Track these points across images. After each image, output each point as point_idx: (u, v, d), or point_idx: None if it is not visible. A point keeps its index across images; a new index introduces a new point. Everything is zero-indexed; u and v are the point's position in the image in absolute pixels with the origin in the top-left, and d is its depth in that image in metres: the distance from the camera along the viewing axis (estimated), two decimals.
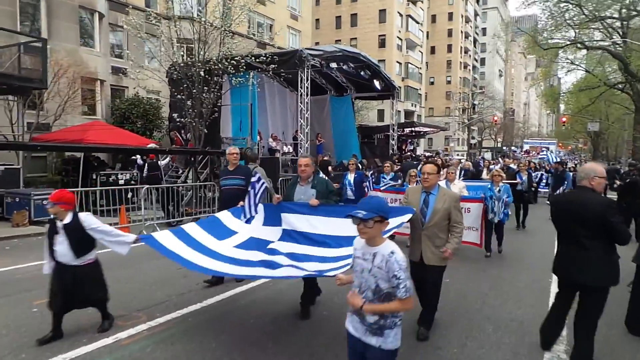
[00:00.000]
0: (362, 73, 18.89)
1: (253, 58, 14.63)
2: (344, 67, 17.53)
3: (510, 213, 8.42)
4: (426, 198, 4.31)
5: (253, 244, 4.37)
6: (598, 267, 3.56)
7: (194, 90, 14.48)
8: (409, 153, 23.52)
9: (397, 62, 51.42)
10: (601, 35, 30.33)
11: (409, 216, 4.13)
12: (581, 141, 79.25)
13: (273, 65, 14.46)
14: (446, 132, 60.23)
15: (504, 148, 63.94)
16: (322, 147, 21.84)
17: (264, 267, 3.95)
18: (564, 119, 42.93)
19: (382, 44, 50.21)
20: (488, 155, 70.21)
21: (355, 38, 50.99)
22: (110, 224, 10.38)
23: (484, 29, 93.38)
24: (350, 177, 9.43)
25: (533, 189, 10.77)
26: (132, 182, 12.82)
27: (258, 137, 17.14)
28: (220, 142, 16.10)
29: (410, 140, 27.19)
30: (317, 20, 52.32)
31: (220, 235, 4.30)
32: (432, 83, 72.12)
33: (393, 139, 22.11)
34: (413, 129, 27.15)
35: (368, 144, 24.73)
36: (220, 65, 14.35)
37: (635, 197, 9.56)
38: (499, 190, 8.03)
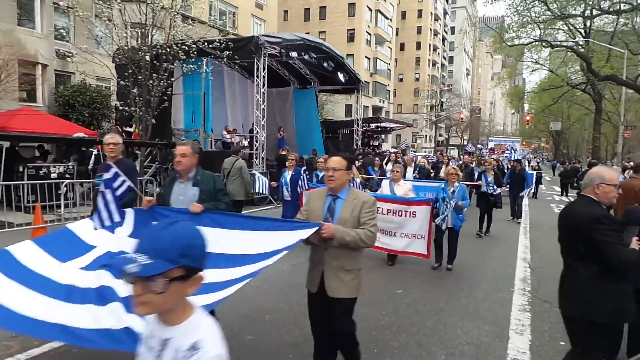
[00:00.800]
0: (325, 64, 18.10)
1: (206, 44, 13.56)
2: (306, 57, 16.67)
3: (465, 219, 7.17)
4: (331, 204, 3.10)
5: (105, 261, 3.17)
6: (581, 295, 2.79)
7: (140, 77, 13.33)
8: (369, 148, 22.91)
9: (366, 57, 50.94)
10: (565, 36, 30.75)
11: (303, 234, 2.91)
12: (543, 140, 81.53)
13: (227, 52, 13.45)
14: (414, 129, 60.45)
15: (469, 146, 64.80)
16: (284, 141, 20.98)
17: (95, 304, 2.76)
18: (528, 118, 43.63)
19: (351, 38, 49.56)
20: (454, 153, 71.30)
21: (324, 31, 50.07)
22: (23, 224, 9.50)
23: (452, 28, 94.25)
24: (288, 174, 8.14)
25: (497, 191, 9.74)
26: (67, 175, 11.60)
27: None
28: (171, 133, 14.99)
29: (375, 135, 26.65)
30: (286, 12, 51.17)
31: (65, 256, 3.13)
32: (400, 80, 72.14)
33: (357, 134, 21.43)
34: (379, 124, 26.61)
35: (332, 139, 24.03)
36: (169, 50, 13.25)
37: None
38: (453, 192, 6.77)
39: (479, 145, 48.07)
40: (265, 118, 22.48)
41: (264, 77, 14.35)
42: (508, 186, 12.54)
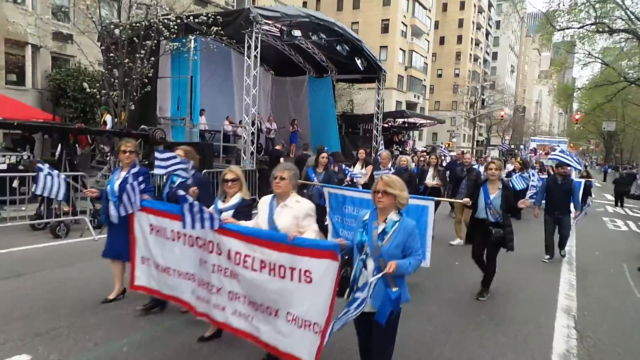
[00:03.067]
0: (338, 48, 15.83)
1: (191, 18, 11.65)
2: (314, 37, 14.46)
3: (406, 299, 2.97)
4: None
5: None
6: None
7: (116, 57, 11.62)
8: (395, 147, 20.48)
9: (401, 49, 48.06)
10: (623, 24, 26.93)
11: None
12: (593, 142, 75.60)
13: (215, 28, 11.49)
14: (450, 127, 57.07)
15: (512, 146, 60.52)
16: (297, 135, 18.94)
17: None
18: (577, 117, 39.62)
19: (385, 29, 46.81)
20: (495, 153, 66.98)
21: (357, 22, 47.60)
22: None
23: (497, 22, 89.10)
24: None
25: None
26: (20, 167, 9.98)
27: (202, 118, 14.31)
28: (156, 122, 13.21)
29: (402, 132, 24.15)
30: (318, 1, 49.08)
31: None
32: (439, 75, 68.57)
33: (377, 130, 19.07)
34: (406, 120, 24.10)
35: (351, 134, 21.78)
36: (150, 24, 11.46)
37: None
38: (384, 232, 2.87)
39: (512, 146, 44.13)
40: (269, 109, 20.65)
41: (255, 57, 12.28)
42: (542, 203, 8.26)
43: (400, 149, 20.51)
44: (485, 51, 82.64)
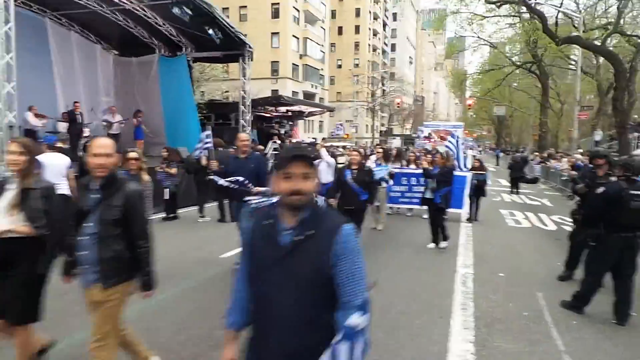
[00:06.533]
0: (175, 11, 12.06)
1: None
2: None
3: None
4: None
5: None
6: None
7: None
8: (274, 139, 17.15)
9: (294, 36, 45.04)
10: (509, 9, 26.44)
11: None
12: (485, 129, 79.44)
13: None
14: (349, 117, 55.48)
15: (413, 135, 60.77)
16: (141, 130, 14.78)
17: None
18: (470, 102, 39.80)
19: (275, 14, 43.46)
20: (397, 143, 67.20)
21: (245, 6, 43.78)
22: None
23: (394, 14, 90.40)
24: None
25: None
26: None
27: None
28: None
29: (285, 121, 20.92)
30: None
31: None
32: (339, 66, 67.03)
33: (244, 119, 15.60)
34: (289, 108, 20.89)
35: (221, 125, 18.08)
36: None
37: None
38: None
39: (413, 135, 43.70)
40: (112, 97, 16.52)
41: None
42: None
43: (279, 142, 17.20)
44: (384, 42, 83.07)
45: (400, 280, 5.71)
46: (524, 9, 22.05)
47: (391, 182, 8.56)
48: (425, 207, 7.95)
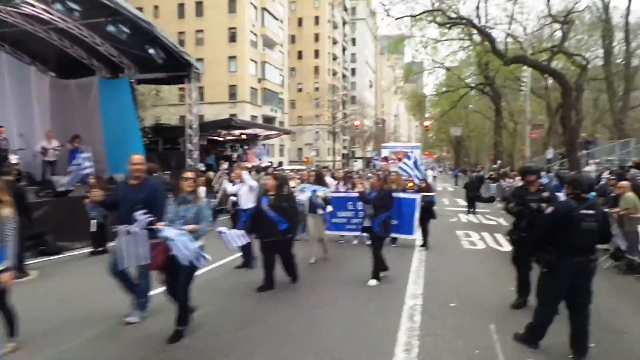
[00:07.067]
0: (110, 29, 11.32)
1: None
2: (76, 12, 9.78)
3: None
4: None
5: None
6: None
7: None
8: (223, 162, 16.37)
9: (252, 59, 44.76)
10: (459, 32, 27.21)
11: None
12: (445, 150, 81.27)
13: None
14: (309, 140, 55.34)
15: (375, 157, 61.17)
16: (77, 154, 13.68)
17: None
18: (427, 124, 40.49)
19: (232, 37, 43.14)
20: (359, 165, 67.47)
21: (202, 30, 43.32)
22: None
23: (353, 39, 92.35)
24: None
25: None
26: None
27: None
28: None
29: (237, 145, 20.22)
30: (156, 7, 43.51)
31: None
32: (300, 90, 67.25)
33: (191, 142, 14.81)
34: (244, 131, 20.23)
35: (170, 150, 17.23)
36: None
37: None
38: None
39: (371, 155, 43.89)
40: (48, 121, 15.45)
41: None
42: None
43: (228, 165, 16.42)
44: (344, 66, 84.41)
45: (338, 320, 5.06)
46: (475, 31, 22.61)
47: (329, 208, 7.73)
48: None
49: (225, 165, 15.08)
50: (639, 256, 7.18)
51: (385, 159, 22.72)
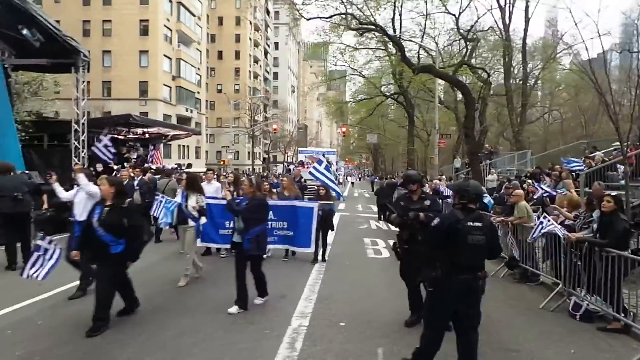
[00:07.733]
0: None
1: None
2: None
3: None
4: None
5: None
6: None
7: None
8: (122, 165, 14.77)
9: (166, 55, 42.26)
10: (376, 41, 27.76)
11: None
12: (364, 156, 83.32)
13: None
14: (225, 142, 53.68)
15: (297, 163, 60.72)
16: None
17: None
18: (344, 130, 41.01)
19: (144, 31, 40.40)
20: (280, 169, 66.71)
21: (110, 20, 40.08)
22: None
23: (276, 43, 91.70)
24: None
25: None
26: None
27: None
28: None
29: (138, 145, 18.53)
30: None
31: None
32: (220, 91, 65.02)
33: (79, 141, 13.13)
34: (147, 130, 18.61)
35: (57, 147, 15.27)
36: None
37: None
38: None
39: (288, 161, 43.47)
40: None
41: None
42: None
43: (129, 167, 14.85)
44: (265, 70, 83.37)
45: (205, 350, 4.28)
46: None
47: (203, 219, 6.48)
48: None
49: (114, 167, 13.53)
50: (533, 265, 7.22)
51: (302, 163, 22.23)
